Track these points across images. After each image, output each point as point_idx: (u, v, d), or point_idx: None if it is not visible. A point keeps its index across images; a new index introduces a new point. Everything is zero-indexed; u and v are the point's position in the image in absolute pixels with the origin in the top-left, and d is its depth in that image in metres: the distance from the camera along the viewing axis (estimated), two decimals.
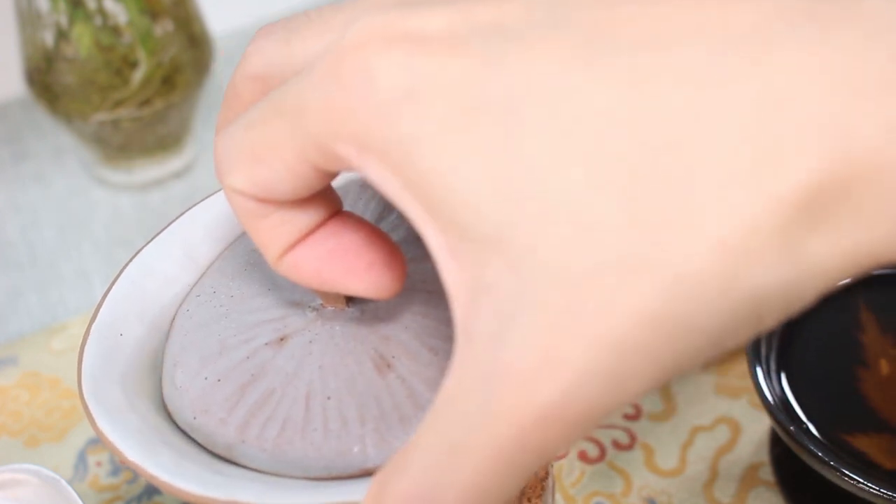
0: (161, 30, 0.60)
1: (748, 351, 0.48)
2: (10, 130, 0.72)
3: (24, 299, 0.61)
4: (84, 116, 0.61)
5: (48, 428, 0.54)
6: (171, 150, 0.66)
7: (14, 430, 0.54)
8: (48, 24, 0.59)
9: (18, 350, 0.58)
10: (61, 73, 0.60)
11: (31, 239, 0.64)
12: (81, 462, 0.53)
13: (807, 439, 0.44)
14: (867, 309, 0.51)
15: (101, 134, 0.63)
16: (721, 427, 0.53)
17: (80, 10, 0.58)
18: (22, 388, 0.56)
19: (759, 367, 0.47)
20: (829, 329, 0.50)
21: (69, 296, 0.61)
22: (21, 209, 0.66)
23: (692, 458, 0.52)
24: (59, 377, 0.56)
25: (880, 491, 0.43)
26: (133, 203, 0.66)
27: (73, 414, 0.55)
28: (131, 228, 0.64)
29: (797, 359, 0.49)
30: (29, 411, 0.55)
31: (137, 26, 0.59)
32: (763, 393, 0.46)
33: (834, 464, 0.43)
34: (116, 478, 0.52)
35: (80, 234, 0.64)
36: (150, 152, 0.66)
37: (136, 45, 0.59)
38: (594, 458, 0.52)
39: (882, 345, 0.49)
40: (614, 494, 0.50)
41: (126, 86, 0.60)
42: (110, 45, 0.59)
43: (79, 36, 0.58)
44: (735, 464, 0.51)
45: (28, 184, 0.68)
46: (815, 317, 0.50)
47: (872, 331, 0.50)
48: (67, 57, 0.59)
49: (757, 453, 0.52)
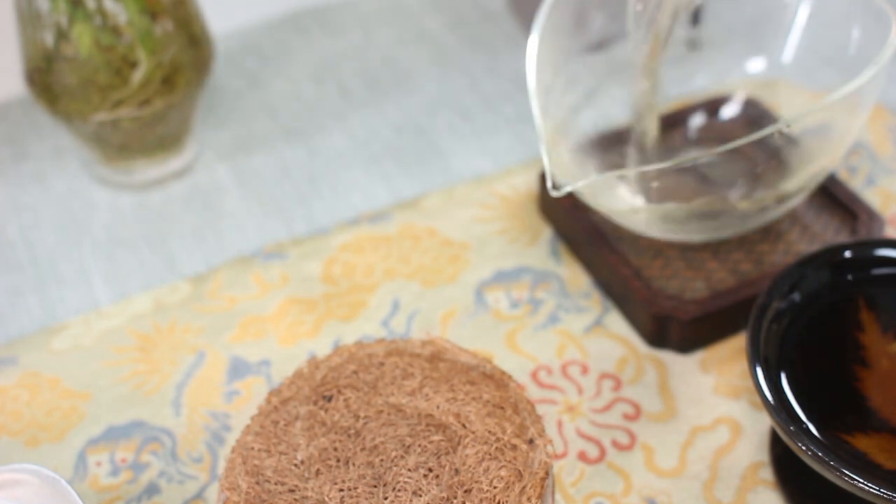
0: (161, 30, 0.60)
1: (748, 351, 0.48)
2: (10, 130, 0.72)
3: (24, 299, 0.61)
4: (84, 116, 0.61)
5: (48, 428, 0.54)
6: (171, 150, 0.66)
7: (14, 430, 0.54)
8: (48, 24, 0.59)
9: (18, 350, 0.58)
10: (61, 73, 0.60)
11: (31, 239, 0.64)
12: (81, 462, 0.53)
13: (807, 439, 0.44)
14: (867, 309, 0.51)
15: (101, 134, 0.63)
16: (721, 427, 0.53)
17: (80, 10, 0.58)
18: (22, 388, 0.56)
19: (759, 367, 0.47)
20: (829, 329, 0.50)
21: (69, 296, 0.61)
22: (21, 209, 0.66)
23: (692, 458, 0.52)
24: (59, 377, 0.56)
25: (880, 491, 0.43)
26: (133, 203, 0.66)
27: (73, 414, 0.55)
28: (131, 228, 0.65)
29: (797, 359, 0.49)
30: (29, 411, 0.55)
31: (137, 26, 0.59)
32: (763, 393, 0.46)
33: (834, 464, 0.43)
34: (116, 478, 0.52)
35: (80, 234, 0.64)
36: (150, 152, 0.66)
37: (136, 45, 0.59)
38: (594, 458, 0.52)
39: (882, 345, 0.49)
40: (614, 494, 0.50)
41: (126, 86, 0.60)
42: (110, 45, 0.59)
43: (79, 36, 0.58)
44: (735, 464, 0.51)
45: (28, 184, 0.68)
46: (815, 317, 0.50)
47: (872, 331, 0.50)
48: (67, 57, 0.59)
49: (757, 453, 0.52)
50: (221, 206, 0.66)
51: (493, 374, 0.49)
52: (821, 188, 0.60)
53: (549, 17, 0.56)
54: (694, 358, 0.55)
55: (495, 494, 0.44)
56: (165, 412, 0.54)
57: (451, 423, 0.47)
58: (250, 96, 0.73)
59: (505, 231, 0.62)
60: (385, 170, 0.67)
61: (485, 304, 0.59)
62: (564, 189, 0.51)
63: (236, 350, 0.57)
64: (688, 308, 0.54)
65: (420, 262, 0.61)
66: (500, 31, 0.77)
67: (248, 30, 0.78)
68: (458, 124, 0.70)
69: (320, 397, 0.49)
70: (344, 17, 0.79)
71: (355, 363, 0.50)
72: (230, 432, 0.53)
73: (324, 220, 0.64)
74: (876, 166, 0.65)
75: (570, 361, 0.56)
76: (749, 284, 0.55)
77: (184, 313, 0.59)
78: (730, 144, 0.49)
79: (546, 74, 0.56)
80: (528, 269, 0.60)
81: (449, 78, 0.74)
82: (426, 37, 0.77)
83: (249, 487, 0.45)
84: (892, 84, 0.70)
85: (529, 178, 0.65)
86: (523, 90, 0.72)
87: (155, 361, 0.57)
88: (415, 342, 0.51)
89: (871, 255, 0.52)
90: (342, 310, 0.59)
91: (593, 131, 0.62)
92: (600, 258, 0.58)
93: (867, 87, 0.51)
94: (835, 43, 0.58)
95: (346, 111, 0.72)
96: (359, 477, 0.46)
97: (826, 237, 0.58)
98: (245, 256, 0.62)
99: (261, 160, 0.68)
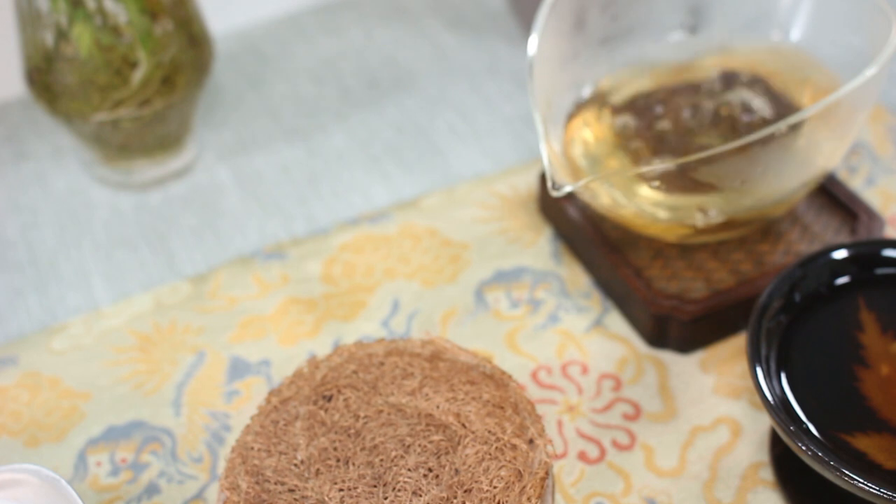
0: (161, 30, 0.60)
1: (748, 351, 0.48)
2: (10, 130, 0.72)
3: (23, 299, 0.61)
4: (84, 116, 0.61)
5: (48, 428, 0.54)
6: (170, 150, 0.66)
7: (14, 430, 0.54)
8: (48, 24, 0.59)
9: (18, 350, 0.58)
10: (61, 73, 0.60)
11: (31, 239, 0.64)
12: (81, 462, 0.53)
13: (807, 439, 0.44)
14: (867, 309, 0.51)
15: (101, 134, 0.63)
16: (721, 427, 0.53)
17: (80, 10, 0.58)
18: (22, 388, 0.56)
19: (759, 367, 0.47)
20: (829, 329, 0.50)
21: (69, 296, 0.61)
22: (21, 209, 0.66)
23: (692, 458, 0.52)
24: (59, 377, 0.56)
25: (880, 491, 0.43)
26: (133, 203, 0.66)
27: (74, 414, 0.55)
28: (131, 228, 0.65)
29: (797, 359, 0.49)
30: (29, 411, 0.55)
31: (137, 26, 0.59)
32: (763, 393, 0.46)
33: (834, 464, 0.43)
34: (116, 478, 0.52)
35: (80, 234, 0.64)
36: (150, 152, 0.66)
37: (136, 45, 0.59)
38: (594, 458, 0.52)
39: (882, 345, 0.49)
40: (614, 494, 0.50)
41: (126, 86, 0.60)
42: (110, 45, 0.59)
43: (79, 36, 0.58)
44: (735, 464, 0.51)
45: (28, 184, 0.68)
46: (815, 317, 0.50)
47: (872, 331, 0.50)
48: (67, 57, 0.59)
49: (757, 453, 0.52)
50: (221, 206, 0.66)
51: (493, 373, 0.49)
52: (821, 188, 0.60)
53: (549, 17, 0.56)
54: (694, 358, 0.55)
55: (495, 494, 0.44)
56: (165, 412, 0.54)
57: (451, 422, 0.47)
58: (250, 96, 0.73)
59: (505, 231, 0.62)
60: (385, 170, 0.67)
61: (485, 304, 0.59)
62: (564, 189, 0.51)
63: (236, 350, 0.57)
64: (688, 308, 0.54)
65: (420, 262, 0.61)
66: (500, 31, 0.77)
67: (248, 30, 0.78)
68: (458, 124, 0.70)
69: (320, 397, 0.49)
70: (344, 17, 0.79)
71: (355, 363, 0.50)
72: (230, 432, 0.53)
73: (324, 220, 0.64)
74: (876, 166, 0.65)
75: (570, 361, 0.56)
76: (749, 284, 0.55)
77: (184, 313, 0.59)
78: (730, 144, 0.49)
79: (546, 74, 0.56)
80: (528, 269, 0.60)
81: (449, 78, 0.74)
82: (426, 37, 0.77)
83: (249, 487, 0.45)
84: (892, 84, 0.70)
85: (529, 178, 0.65)
86: (523, 90, 0.72)
87: (155, 361, 0.57)
88: (415, 342, 0.51)
89: (871, 255, 0.52)
90: (342, 310, 0.59)
91: None
92: (600, 258, 0.58)
93: (867, 87, 0.51)
94: (835, 43, 0.58)
95: (346, 111, 0.72)
96: (359, 477, 0.46)
97: (826, 237, 0.58)
98: (245, 256, 0.62)
99: (261, 160, 0.68)
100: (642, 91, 0.61)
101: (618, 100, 0.61)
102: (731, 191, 0.53)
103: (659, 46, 0.63)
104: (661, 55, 0.62)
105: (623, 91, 0.61)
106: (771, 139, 0.49)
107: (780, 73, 0.60)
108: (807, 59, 0.60)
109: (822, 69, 0.59)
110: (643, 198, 0.54)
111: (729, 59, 0.62)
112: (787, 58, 0.61)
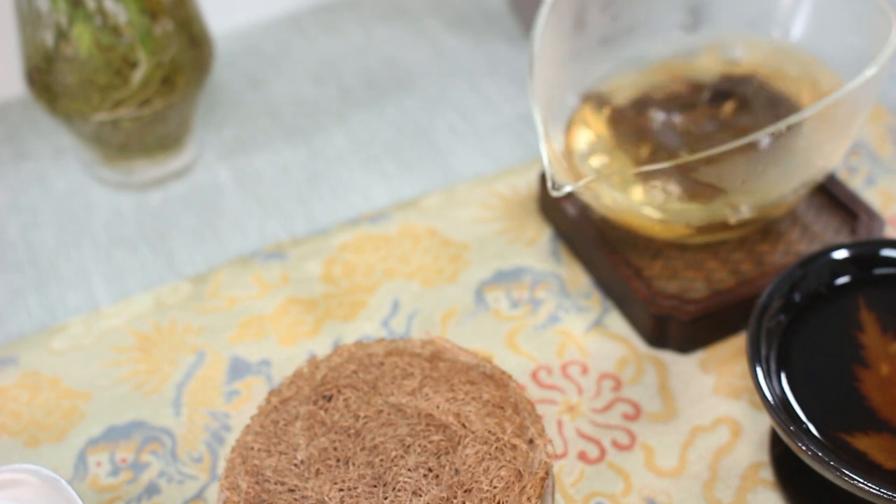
0: (161, 30, 0.60)
1: (748, 351, 0.48)
2: (10, 130, 0.72)
3: (23, 299, 0.61)
4: (84, 116, 0.61)
5: (48, 428, 0.54)
6: (170, 150, 0.66)
7: (14, 430, 0.54)
8: (48, 24, 0.58)
9: (18, 350, 0.58)
10: (61, 73, 0.60)
11: (31, 239, 0.64)
12: (81, 462, 0.53)
13: (807, 439, 0.44)
14: (867, 309, 0.51)
15: (101, 134, 0.63)
16: (721, 427, 0.53)
17: (80, 10, 0.58)
18: (22, 388, 0.56)
19: (759, 367, 0.47)
20: (829, 329, 0.50)
21: (69, 296, 0.61)
22: (21, 209, 0.66)
23: (692, 458, 0.52)
24: (59, 377, 0.56)
25: (880, 491, 0.43)
26: (133, 203, 0.66)
27: (74, 414, 0.55)
28: (131, 228, 0.65)
29: (797, 359, 0.49)
30: (29, 411, 0.55)
31: (137, 26, 0.59)
32: (763, 393, 0.46)
33: (834, 464, 0.43)
34: (116, 478, 0.52)
35: (80, 234, 0.64)
36: (149, 152, 0.66)
37: (136, 45, 0.59)
38: (594, 459, 0.52)
39: (882, 345, 0.49)
40: (614, 494, 0.50)
41: (126, 86, 0.60)
42: (110, 45, 0.59)
43: (79, 36, 0.58)
44: (735, 464, 0.51)
45: (28, 184, 0.68)
46: (815, 317, 0.50)
47: (872, 331, 0.50)
48: (67, 57, 0.59)
49: (757, 453, 0.52)
50: (221, 206, 0.66)
51: (493, 373, 0.49)
52: (821, 188, 0.60)
53: (549, 17, 0.56)
54: (694, 358, 0.55)
55: (495, 494, 0.44)
56: (165, 412, 0.54)
57: (451, 422, 0.47)
58: (250, 96, 0.73)
59: (505, 231, 0.62)
60: (385, 170, 0.67)
61: (485, 304, 0.59)
62: (564, 189, 0.51)
63: (236, 350, 0.57)
64: (688, 308, 0.54)
65: (420, 262, 0.61)
66: (500, 31, 0.77)
67: (248, 30, 0.78)
68: (457, 124, 0.70)
69: (320, 397, 0.49)
70: (344, 17, 0.79)
71: (355, 363, 0.50)
72: (230, 432, 0.53)
73: (324, 220, 0.64)
74: (876, 166, 0.65)
75: (570, 361, 0.56)
76: (749, 284, 0.55)
77: (184, 313, 0.59)
78: (730, 144, 0.49)
79: (546, 74, 0.56)
80: (528, 269, 0.60)
81: (449, 78, 0.74)
82: (426, 37, 0.77)
83: (249, 487, 0.45)
84: (892, 84, 0.70)
85: (529, 178, 0.65)
86: (523, 90, 0.72)
87: (155, 361, 0.57)
88: (415, 342, 0.51)
89: (871, 255, 0.52)
90: (342, 310, 0.59)
91: None
92: (600, 258, 0.58)
93: (867, 88, 0.51)
94: (835, 43, 0.58)
95: (346, 111, 0.72)
96: (359, 477, 0.46)
97: (826, 237, 0.58)
98: (245, 256, 0.62)
99: (261, 160, 0.68)
100: (642, 91, 0.61)
101: (618, 100, 0.61)
102: (732, 191, 0.53)
103: (659, 46, 0.63)
104: (662, 55, 0.62)
105: (623, 91, 0.61)
106: (771, 139, 0.49)
107: (780, 73, 0.60)
108: (807, 59, 0.60)
109: (822, 69, 0.59)
110: (653, 197, 0.54)
111: (729, 59, 0.62)
112: (787, 58, 0.61)
